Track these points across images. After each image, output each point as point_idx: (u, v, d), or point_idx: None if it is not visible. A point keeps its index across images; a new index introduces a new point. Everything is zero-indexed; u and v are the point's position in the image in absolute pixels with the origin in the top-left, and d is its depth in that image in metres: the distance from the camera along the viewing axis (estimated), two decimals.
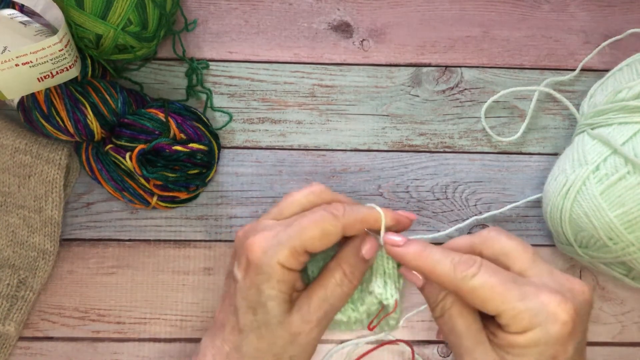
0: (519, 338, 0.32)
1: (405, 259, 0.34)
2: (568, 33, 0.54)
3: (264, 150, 0.50)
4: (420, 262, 0.34)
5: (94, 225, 0.48)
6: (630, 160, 0.40)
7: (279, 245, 0.33)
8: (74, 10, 0.43)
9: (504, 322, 0.32)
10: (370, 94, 0.51)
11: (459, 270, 0.32)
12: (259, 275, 0.33)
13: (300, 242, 0.33)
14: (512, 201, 0.49)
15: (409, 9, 0.54)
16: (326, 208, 0.34)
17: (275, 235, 0.34)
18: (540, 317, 0.31)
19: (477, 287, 0.32)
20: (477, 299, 0.32)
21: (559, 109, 0.52)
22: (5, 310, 0.44)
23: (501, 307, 0.32)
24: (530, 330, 0.31)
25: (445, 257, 0.33)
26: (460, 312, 0.34)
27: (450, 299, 0.34)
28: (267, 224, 0.35)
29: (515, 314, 0.31)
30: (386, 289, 0.35)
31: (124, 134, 0.45)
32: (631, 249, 0.40)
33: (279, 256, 0.33)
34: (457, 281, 0.32)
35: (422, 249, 0.34)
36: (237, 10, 0.53)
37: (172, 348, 0.46)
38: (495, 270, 0.33)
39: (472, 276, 0.32)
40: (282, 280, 0.33)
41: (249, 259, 0.34)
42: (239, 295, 0.34)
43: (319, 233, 0.33)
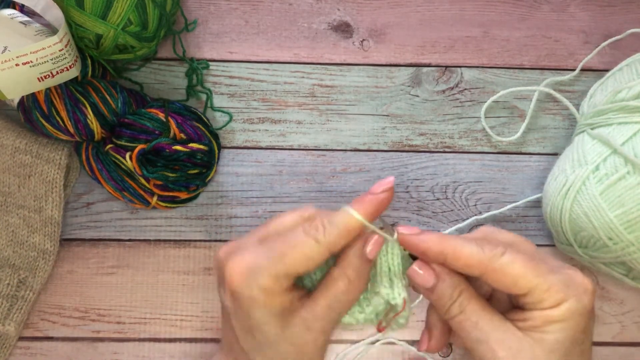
0: (555, 312, 0.31)
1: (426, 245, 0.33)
2: (568, 33, 0.54)
3: (264, 150, 0.50)
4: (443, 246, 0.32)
5: (94, 225, 0.48)
6: (630, 160, 0.40)
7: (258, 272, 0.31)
8: (74, 10, 0.43)
9: (536, 299, 0.31)
10: (370, 94, 0.51)
11: (487, 250, 0.32)
12: (244, 302, 0.32)
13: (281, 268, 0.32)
14: (512, 201, 0.49)
15: (409, 9, 0.54)
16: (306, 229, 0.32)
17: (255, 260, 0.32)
18: (572, 288, 0.31)
19: (509, 264, 0.31)
20: (508, 277, 0.31)
21: (558, 109, 0.52)
22: (5, 310, 0.44)
23: (534, 281, 0.31)
24: (565, 302, 0.31)
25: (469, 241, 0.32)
26: (481, 305, 0.33)
27: (467, 294, 0.33)
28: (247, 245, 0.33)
29: (549, 286, 0.31)
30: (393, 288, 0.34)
31: (124, 134, 0.45)
32: (631, 249, 0.40)
33: (260, 283, 0.31)
34: (487, 260, 0.31)
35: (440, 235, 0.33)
36: (237, 10, 0.53)
37: (172, 348, 0.46)
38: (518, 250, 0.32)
39: (502, 254, 0.31)
40: (268, 304, 0.32)
41: (231, 288, 0.32)
42: (233, 320, 0.33)
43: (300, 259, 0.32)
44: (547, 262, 0.33)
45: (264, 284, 0.31)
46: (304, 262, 0.32)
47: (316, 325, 0.33)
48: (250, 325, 0.33)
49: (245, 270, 0.32)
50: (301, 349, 0.33)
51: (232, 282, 0.32)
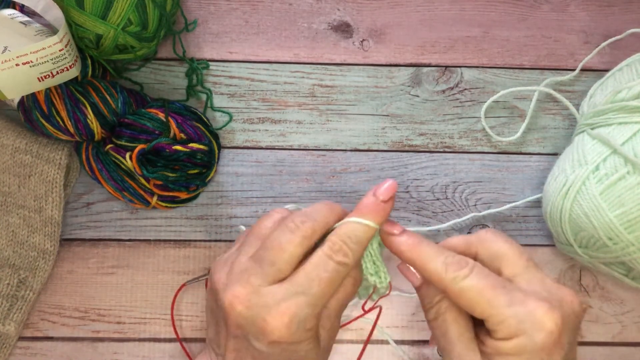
0: (505, 345, 0.31)
1: (400, 248, 0.34)
2: (568, 33, 0.54)
3: (264, 150, 0.50)
4: (414, 255, 0.34)
5: (94, 225, 0.48)
6: (630, 160, 0.40)
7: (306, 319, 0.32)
8: (74, 10, 0.43)
9: (491, 328, 0.32)
10: (370, 94, 0.51)
11: (451, 270, 0.32)
12: (290, 346, 0.33)
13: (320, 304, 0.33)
14: (512, 201, 0.49)
15: (409, 9, 0.54)
16: (333, 257, 0.33)
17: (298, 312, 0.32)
18: (526, 325, 0.31)
19: (466, 290, 0.32)
20: (465, 301, 0.32)
21: (558, 109, 0.52)
22: (5, 310, 0.44)
23: (488, 311, 0.32)
24: (515, 337, 0.31)
25: (439, 255, 0.33)
26: (454, 318, 0.34)
27: (446, 304, 0.34)
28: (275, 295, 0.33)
29: (502, 319, 0.31)
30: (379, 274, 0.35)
31: (124, 134, 0.45)
32: (631, 249, 0.40)
33: (307, 327, 0.33)
34: (447, 281, 0.32)
35: (417, 242, 0.34)
36: (237, 10, 0.53)
37: (172, 348, 0.46)
38: (486, 274, 0.33)
39: (463, 278, 0.32)
40: (313, 334, 0.33)
41: (277, 341, 0.32)
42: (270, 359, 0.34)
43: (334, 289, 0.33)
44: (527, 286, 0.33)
45: (309, 326, 0.33)
46: (335, 289, 0.34)
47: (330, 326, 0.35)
48: (296, 357, 0.34)
49: (292, 324, 0.32)
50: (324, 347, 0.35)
51: (281, 336, 0.32)
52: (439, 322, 0.34)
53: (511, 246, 0.34)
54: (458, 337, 0.33)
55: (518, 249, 0.34)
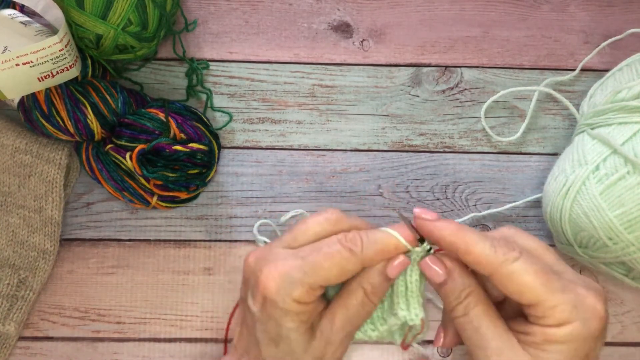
0: (557, 331, 0.30)
1: (440, 233, 0.32)
2: (568, 33, 0.54)
3: (264, 150, 0.50)
4: (457, 239, 0.31)
5: (94, 225, 0.48)
6: (630, 160, 0.40)
7: (294, 283, 0.32)
8: (74, 10, 0.43)
9: (540, 314, 0.30)
10: (370, 94, 0.51)
11: (500, 252, 0.30)
12: (276, 310, 0.32)
13: (315, 280, 0.32)
14: (512, 201, 0.49)
15: (409, 9, 0.54)
16: (343, 241, 0.32)
17: (289, 271, 0.32)
18: (580, 311, 0.30)
19: (519, 272, 0.30)
20: (516, 284, 0.30)
21: (558, 109, 0.52)
22: (5, 310, 0.44)
23: (541, 296, 0.30)
24: (569, 324, 0.30)
25: (485, 238, 0.31)
26: (486, 311, 0.32)
27: (475, 297, 0.32)
28: (279, 254, 0.33)
29: (555, 304, 0.30)
30: (410, 310, 0.33)
31: (124, 134, 0.45)
32: (631, 249, 0.40)
33: (295, 294, 0.32)
34: (498, 263, 0.30)
35: (458, 226, 0.32)
36: (237, 10, 0.53)
37: (172, 348, 0.46)
38: (535, 260, 0.31)
39: (514, 260, 0.30)
40: (300, 312, 0.32)
41: (264, 296, 0.32)
42: (258, 328, 0.34)
43: (335, 271, 0.32)
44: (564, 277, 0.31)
45: (298, 296, 0.32)
46: (338, 274, 0.32)
47: (335, 339, 0.33)
48: (278, 334, 0.33)
49: (280, 280, 0.32)
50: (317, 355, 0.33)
51: (268, 289, 0.32)
52: (470, 317, 0.32)
53: (537, 241, 0.33)
54: (493, 330, 0.31)
55: (544, 243, 0.33)
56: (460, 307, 0.32)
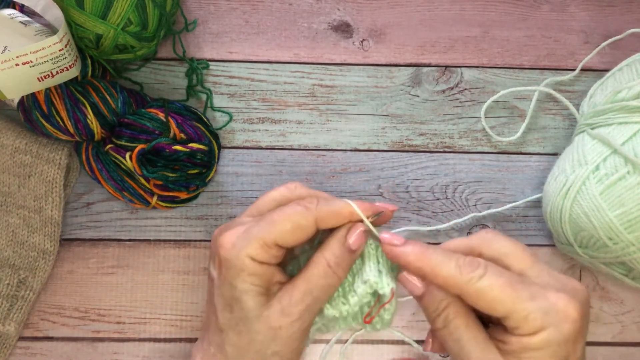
0: (532, 339, 0.30)
1: (406, 259, 0.33)
2: (568, 33, 0.54)
3: (264, 150, 0.50)
4: (423, 264, 0.32)
5: (94, 225, 0.48)
6: (630, 160, 0.40)
7: (248, 239, 0.32)
8: (74, 10, 0.43)
9: (514, 324, 0.31)
10: (370, 94, 0.51)
11: (465, 272, 0.31)
12: (230, 270, 0.32)
13: (270, 236, 0.32)
14: (512, 201, 0.49)
15: (409, 9, 0.54)
16: (299, 202, 0.33)
17: (246, 230, 0.33)
18: (551, 316, 0.30)
19: (485, 289, 0.31)
20: (484, 301, 0.31)
21: (558, 109, 0.52)
22: (5, 310, 0.44)
23: (511, 308, 0.31)
24: (543, 330, 0.30)
25: (449, 259, 0.32)
26: (465, 322, 0.32)
27: (454, 309, 0.32)
28: (240, 221, 0.35)
29: (527, 314, 0.30)
30: (381, 277, 0.33)
31: (124, 134, 0.45)
32: (631, 249, 0.40)
33: (248, 250, 0.32)
34: (464, 283, 0.31)
35: (423, 249, 0.33)
36: (237, 10, 0.53)
37: (172, 348, 0.46)
38: (501, 272, 0.32)
39: (479, 278, 0.31)
40: (253, 273, 0.32)
41: (220, 255, 0.33)
42: (216, 293, 0.34)
43: (290, 226, 0.32)
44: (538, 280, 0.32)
45: (252, 252, 0.32)
46: (292, 229, 0.32)
47: (293, 310, 0.33)
48: (232, 297, 0.33)
49: (235, 239, 0.33)
50: (275, 332, 0.33)
51: (222, 249, 0.33)
52: (450, 329, 0.33)
53: (514, 243, 0.34)
54: (473, 341, 0.32)
55: (521, 245, 0.34)
56: (440, 320, 0.33)
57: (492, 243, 0.34)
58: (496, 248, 0.34)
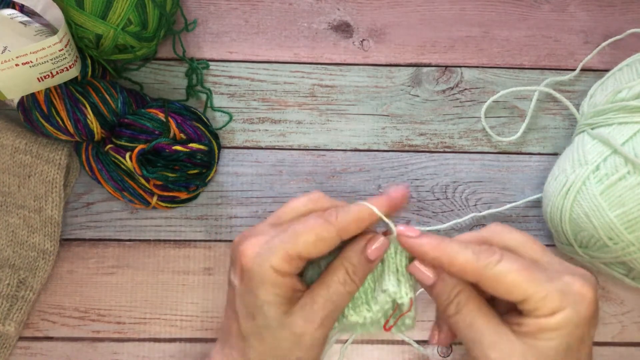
0: (550, 320, 0.31)
1: (423, 249, 0.33)
2: (568, 33, 0.54)
3: (264, 150, 0.50)
4: (439, 253, 0.33)
5: (94, 225, 0.48)
6: (630, 160, 0.40)
7: (271, 250, 0.32)
8: (74, 10, 0.43)
9: (531, 307, 0.31)
10: (370, 94, 0.51)
11: (482, 258, 0.32)
12: (252, 281, 0.33)
13: (293, 248, 0.32)
14: (512, 201, 0.49)
15: (409, 9, 0.54)
16: (320, 214, 0.33)
17: (269, 241, 0.33)
18: (569, 297, 0.31)
19: (503, 273, 0.31)
20: (502, 285, 0.31)
21: (559, 109, 0.52)
22: (5, 310, 0.44)
23: (529, 290, 0.31)
24: (561, 311, 0.31)
25: (465, 247, 0.32)
26: (478, 306, 0.33)
27: (465, 295, 0.33)
28: (261, 230, 0.35)
29: (544, 295, 0.31)
30: (400, 287, 0.34)
31: (124, 134, 0.45)
32: (631, 249, 0.40)
33: (271, 261, 0.32)
34: (481, 269, 0.31)
35: (439, 240, 0.33)
36: (237, 10, 0.53)
37: (172, 348, 0.46)
38: (517, 258, 0.32)
39: (497, 263, 0.31)
40: (276, 284, 0.33)
41: (242, 265, 0.33)
42: (237, 301, 0.34)
43: (312, 239, 0.32)
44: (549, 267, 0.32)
45: (275, 263, 0.32)
46: (315, 241, 0.33)
47: (315, 317, 0.33)
48: (255, 306, 0.33)
49: (258, 249, 0.33)
50: (299, 339, 0.33)
51: (244, 259, 0.33)
52: (462, 314, 0.33)
53: (524, 235, 0.34)
54: (487, 324, 0.32)
55: (531, 237, 0.34)
56: (452, 306, 0.33)
57: (503, 235, 0.34)
58: (507, 240, 0.34)
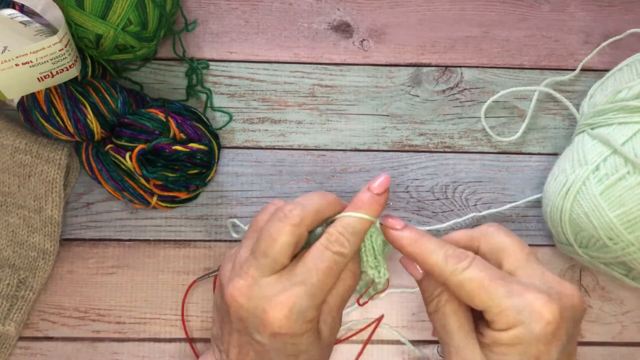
0: (503, 335, 0.32)
1: (401, 243, 0.35)
2: (568, 33, 0.54)
3: (264, 150, 0.50)
4: (415, 249, 0.34)
5: (94, 225, 0.48)
6: (630, 160, 0.40)
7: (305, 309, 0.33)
8: (74, 10, 0.43)
9: (490, 318, 0.32)
10: (370, 94, 0.51)
11: (451, 263, 0.33)
12: (290, 338, 0.33)
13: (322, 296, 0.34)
14: (512, 201, 0.49)
15: (409, 9, 0.54)
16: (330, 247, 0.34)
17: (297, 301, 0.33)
18: (524, 315, 0.31)
19: (466, 281, 0.32)
20: (464, 292, 0.33)
21: (559, 109, 0.52)
22: (5, 310, 0.44)
23: (487, 302, 0.32)
24: (514, 328, 0.31)
25: (440, 248, 0.34)
26: (454, 310, 0.34)
27: (445, 297, 0.34)
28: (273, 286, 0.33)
29: (501, 310, 0.32)
30: (378, 268, 0.36)
31: (124, 134, 0.45)
32: (631, 249, 0.40)
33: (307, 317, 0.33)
34: (447, 273, 0.33)
35: (418, 236, 0.35)
36: (237, 10, 0.53)
37: (172, 348, 0.46)
38: (486, 267, 0.33)
39: (462, 270, 0.33)
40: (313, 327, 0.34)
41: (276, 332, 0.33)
42: (272, 353, 0.34)
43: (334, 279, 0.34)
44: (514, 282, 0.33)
45: (310, 317, 0.33)
46: (334, 280, 0.34)
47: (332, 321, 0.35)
48: (297, 352, 0.34)
49: (290, 314, 0.33)
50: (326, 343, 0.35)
51: (281, 327, 0.33)
52: (439, 314, 0.35)
53: (512, 240, 0.35)
54: (457, 329, 0.34)
55: (519, 242, 0.35)
56: (433, 304, 0.35)
57: (492, 237, 0.35)
58: (494, 242, 0.35)
